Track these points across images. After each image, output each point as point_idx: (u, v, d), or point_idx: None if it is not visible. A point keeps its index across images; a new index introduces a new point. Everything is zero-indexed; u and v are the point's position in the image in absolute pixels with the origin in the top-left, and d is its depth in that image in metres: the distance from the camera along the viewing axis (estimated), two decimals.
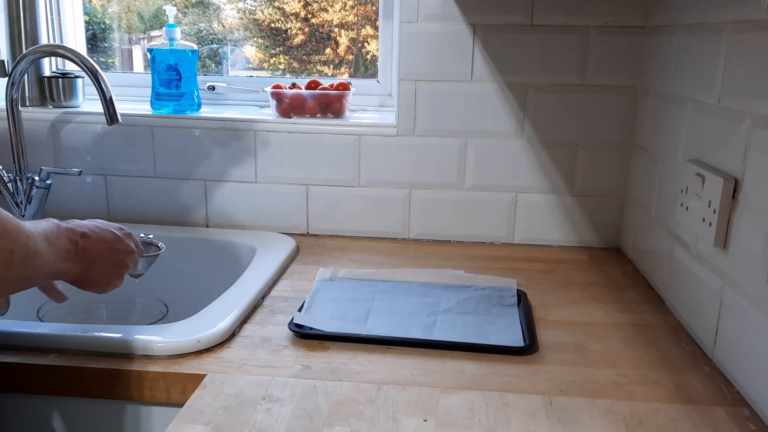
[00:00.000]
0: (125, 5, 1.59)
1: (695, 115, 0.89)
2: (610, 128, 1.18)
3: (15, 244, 0.57)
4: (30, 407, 0.78)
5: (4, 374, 0.76)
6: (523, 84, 1.18)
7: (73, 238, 0.68)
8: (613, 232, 1.23)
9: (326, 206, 1.27)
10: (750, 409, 0.69)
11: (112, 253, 0.74)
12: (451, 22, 1.16)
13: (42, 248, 0.61)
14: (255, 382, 0.72)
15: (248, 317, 0.89)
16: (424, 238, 1.27)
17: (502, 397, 0.70)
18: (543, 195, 1.22)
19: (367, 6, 1.50)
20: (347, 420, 0.65)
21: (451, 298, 0.95)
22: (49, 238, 0.63)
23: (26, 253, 0.58)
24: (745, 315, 0.71)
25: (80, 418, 0.79)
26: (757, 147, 0.71)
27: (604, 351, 0.82)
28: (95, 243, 0.71)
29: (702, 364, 0.79)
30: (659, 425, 0.66)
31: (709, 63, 0.84)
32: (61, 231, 0.66)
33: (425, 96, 1.20)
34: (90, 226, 0.72)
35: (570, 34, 1.15)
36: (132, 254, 0.77)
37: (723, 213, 0.76)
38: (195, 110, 1.31)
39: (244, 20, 1.57)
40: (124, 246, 0.76)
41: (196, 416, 0.65)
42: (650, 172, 1.07)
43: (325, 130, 1.23)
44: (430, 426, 0.64)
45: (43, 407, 0.78)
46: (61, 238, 0.66)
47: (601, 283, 1.06)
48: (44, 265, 0.62)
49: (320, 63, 1.56)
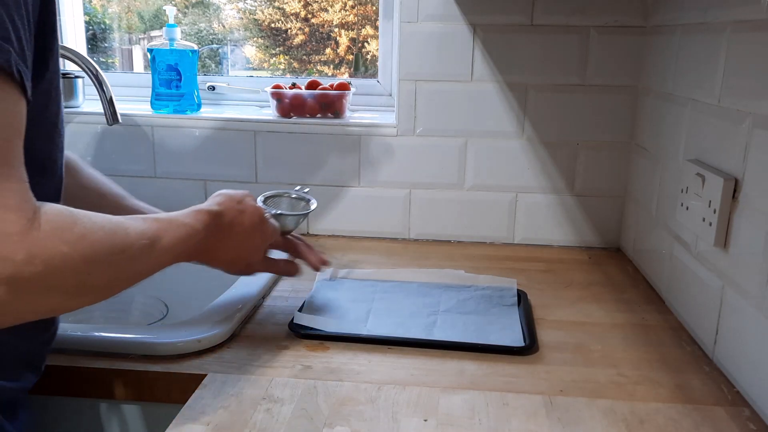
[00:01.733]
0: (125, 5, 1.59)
1: (695, 115, 0.89)
2: (610, 128, 1.18)
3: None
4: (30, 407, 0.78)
5: None
6: (523, 84, 1.18)
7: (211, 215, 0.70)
8: (614, 232, 1.23)
9: (326, 206, 1.27)
10: (750, 409, 0.69)
11: (249, 238, 0.74)
12: (451, 22, 1.16)
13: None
14: (255, 382, 0.72)
15: (248, 317, 0.89)
16: (424, 238, 1.27)
17: (502, 397, 0.70)
18: (543, 195, 1.22)
19: (367, 6, 1.50)
20: (347, 420, 0.65)
21: (451, 298, 0.95)
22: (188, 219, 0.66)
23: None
24: (745, 315, 0.71)
25: (80, 418, 0.79)
26: (757, 147, 0.71)
27: (604, 351, 0.82)
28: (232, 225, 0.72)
29: (702, 364, 0.79)
30: (659, 425, 0.66)
31: (709, 63, 0.84)
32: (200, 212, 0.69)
33: (425, 96, 1.20)
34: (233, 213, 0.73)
35: (570, 34, 1.15)
36: (263, 251, 0.78)
37: (723, 213, 0.76)
38: (195, 110, 1.31)
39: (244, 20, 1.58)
40: (260, 238, 0.76)
41: (197, 416, 0.65)
42: (650, 172, 1.07)
43: (325, 130, 1.23)
44: (430, 426, 0.64)
45: (43, 407, 0.78)
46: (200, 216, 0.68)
47: (602, 283, 1.06)
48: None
49: (320, 63, 1.56)
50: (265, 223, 0.77)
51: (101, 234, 0.52)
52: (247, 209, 0.74)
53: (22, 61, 0.48)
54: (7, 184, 0.46)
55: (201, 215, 0.68)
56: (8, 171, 0.46)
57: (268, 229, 0.77)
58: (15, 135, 0.47)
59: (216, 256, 0.72)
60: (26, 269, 0.45)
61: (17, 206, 0.46)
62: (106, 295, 0.56)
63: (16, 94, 0.47)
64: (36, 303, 0.49)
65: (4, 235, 0.44)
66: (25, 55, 0.48)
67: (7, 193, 0.45)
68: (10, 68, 0.46)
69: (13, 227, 0.45)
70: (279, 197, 0.92)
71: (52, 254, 0.47)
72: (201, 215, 0.68)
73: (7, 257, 0.44)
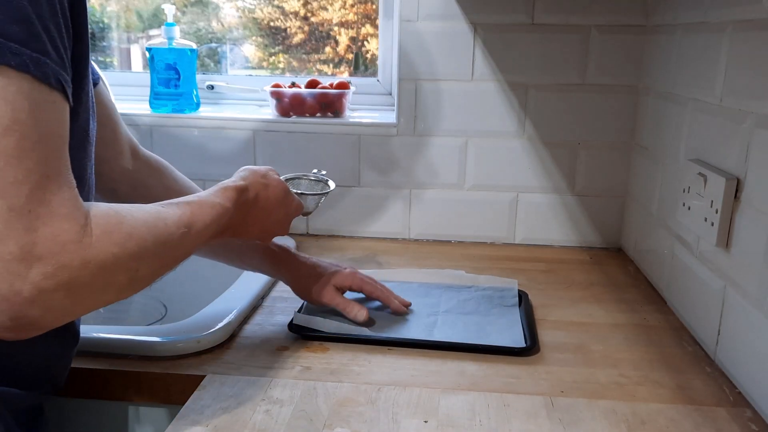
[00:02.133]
0: (124, 4, 1.58)
1: (696, 114, 0.88)
2: (610, 128, 1.18)
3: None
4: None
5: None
6: (523, 83, 1.17)
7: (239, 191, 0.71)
8: (615, 232, 1.23)
9: (326, 206, 1.26)
10: (752, 410, 0.69)
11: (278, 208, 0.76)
12: (451, 21, 1.16)
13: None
14: (254, 383, 0.71)
15: (248, 318, 0.89)
16: (424, 238, 1.26)
17: (503, 398, 0.70)
18: (544, 195, 1.22)
19: (367, 4, 1.49)
20: (347, 421, 0.65)
21: (451, 298, 0.95)
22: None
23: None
24: (747, 315, 0.71)
25: (80, 418, 0.78)
26: (758, 146, 0.70)
27: (605, 351, 0.82)
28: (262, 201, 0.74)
29: (704, 365, 0.79)
30: (661, 426, 0.65)
31: (710, 62, 0.84)
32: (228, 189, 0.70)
33: (425, 95, 1.20)
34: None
35: (571, 33, 1.14)
36: (287, 224, 0.79)
37: (725, 213, 0.76)
38: (194, 110, 1.30)
39: (243, 19, 1.57)
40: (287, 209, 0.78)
41: (196, 417, 0.65)
42: (651, 171, 1.07)
43: (324, 129, 1.23)
44: (430, 427, 0.64)
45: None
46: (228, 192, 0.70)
47: (603, 283, 1.05)
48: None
49: (320, 62, 1.56)
50: (290, 195, 0.78)
51: (144, 230, 0.54)
52: (271, 183, 0.75)
53: (62, 69, 0.49)
54: (59, 193, 0.47)
55: (228, 192, 0.69)
56: (60, 179, 0.48)
57: (293, 202, 0.79)
58: (63, 143, 0.49)
59: (245, 230, 0.73)
60: (82, 274, 0.48)
61: (70, 214, 0.47)
62: (151, 282, 0.58)
63: (60, 102, 0.49)
64: (91, 302, 0.51)
65: (61, 244, 0.46)
66: (65, 63, 0.49)
67: (61, 202, 0.47)
68: (47, 80, 0.47)
69: (68, 236, 0.47)
70: (298, 179, 0.93)
71: (104, 257, 0.49)
72: (228, 192, 0.69)
73: (64, 265, 0.47)
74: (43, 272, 0.46)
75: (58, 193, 0.47)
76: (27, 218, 0.45)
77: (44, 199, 0.46)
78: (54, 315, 0.48)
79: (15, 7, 0.45)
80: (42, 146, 0.47)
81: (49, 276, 0.46)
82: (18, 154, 0.45)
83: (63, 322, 0.50)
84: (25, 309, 0.46)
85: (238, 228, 0.72)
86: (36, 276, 0.45)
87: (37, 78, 0.46)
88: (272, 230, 0.76)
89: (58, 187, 0.47)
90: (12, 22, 0.45)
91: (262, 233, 0.76)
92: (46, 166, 0.47)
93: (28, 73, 0.46)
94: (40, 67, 0.46)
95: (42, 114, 0.47)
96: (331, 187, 0.91)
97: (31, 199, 0.46)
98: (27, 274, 0.45)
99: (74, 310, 0.50)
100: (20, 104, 0.45)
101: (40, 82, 0.47)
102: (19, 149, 0.45)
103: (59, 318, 0.49)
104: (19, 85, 0.45)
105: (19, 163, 0.45)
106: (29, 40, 0.46)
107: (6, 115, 0.45)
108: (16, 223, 0.45)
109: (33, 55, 0.46)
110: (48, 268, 0.46)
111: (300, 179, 0.93)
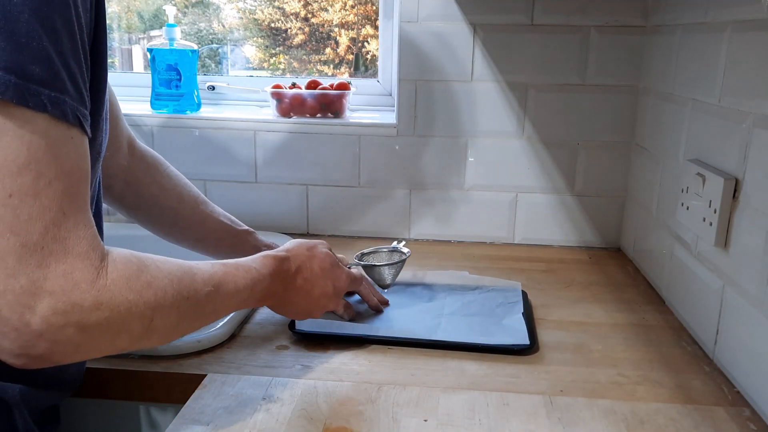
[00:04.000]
0: (125, 5, 1.59)
1: (696, 114, 0.89)
2: (610, 128, 1.18)
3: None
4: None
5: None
6: (523, 84, 1.18)
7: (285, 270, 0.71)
8: (614, 232, 1.23)
9: (326, 206, 1.27)
10: (751, 409, 0.69)
11: (323, 282, 0.75)
12: (451, 22, 1.16)
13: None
14: (255, 383, 0.72)
15: (248, 317, 0.89)
16: (424, 238, 1.27)
17: (502, 397, 0.70)
18: (543, 195, 1.22)
19: (367, 5, 1.50)
20: (347, 420, 0.65)
21: (455, 301, 0.94)
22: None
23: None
24: (745, 315, 0.71)
25: (80, 418, 0.78)
26: (757, 147, 0.71)
27: (604, 351, 0.82)
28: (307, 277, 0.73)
29: (703, 364, 0.79)
30: (660, 425, 0.66)
31: (709, 63, 0.84)
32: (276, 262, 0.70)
33: (425, 96, 1.20)
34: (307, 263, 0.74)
35: (570, 33, 1.15)
36: (335, 297, 0.77)
37: (724, 213, 0.76)
38: (195, 110, 1.31)
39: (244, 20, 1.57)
40: (333, 289, 0.76)
41: (197, 416, 0.65)
42: (651, 171, 1.07)
43: (325, 130, 1.23)
44: (430, 426, 0.64)
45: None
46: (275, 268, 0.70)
47: (602, 283, 1.06)
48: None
49: (320, 63, 1.56)
50: (338, 268, 0.76)
51: (167, 281, 0.54)
52: (317, 255, 0.74)
53: (80, 104, 0.49)
54: (75, 231, 0.48)
55: (268, 260, 0.69)
56: (77, 217, 0.48)
57: (342, 275, 0.77)
58: (82, 177, 0.49)
59: (288, 301, 0.72)
60: (93, 315, 0.48)
61: (85, 254, 0.48)
62: (173, 336, 0.58)
63: (78, 136, 0.49)
64: (103, 344, 0.51)
65: (73, 282, 0.47)
66: (83, 97, 0.50)
67: (77, 240, 0.48)
68: (66, 118, 0.47)
69: (81, 275, 0.48)
70: (375, 253, 0.94)
71: (118, 301, 0.50)
72: (268, 260, 0.69)
73: (75, 303, 0.47)
74: (53, 307, 0.46)
75: (74, 230, 0.48)
76: (40, 254, 0.46)
77: (59, 237, 0.47)
78: (64, 350, 0.48)
79: (36, 47, 0.45)
80: (59, 183, 0.47)
81: (59, 312, 0.46)
82: (34, 192, 0.46)
83: (75, 360, 0.50)
84: (34, 340, 0.46)
85: (280, 299, 0.71)
86: (45, 310, 0.46)
87: (55, 116, 0.47)
88: (319, 303, 0.75)
89: (74, 224, 0.48)
90: (32, 62, 0.45)
91: (308, 306, 0.74)
92: (63, 204, 0.47)
93: (45, 112, 0.46)
94: (59, 105, 0.47)
95: (60, 151, 0.47)
96: (405, 255, 0.90)
97: (45, 236, 0.46)
98: (36, 307, 0.46)
99: (86, 349, 0.50)
100: (37, 143, 0.46)
101: (58, 119, 0.47)
102: (35, 187, 0.46)
103: (70, 354, 0.49)
104: (36, 125, 0.46)
105: (34, 200, 0.46)
106: (48, 80, 0.46)
107: (22, 154, 0.45)
108: (28, 258, 0.45)
109: (51, 94, 0.46)
110: (58, 304, 0.46)
111: (377, 253, 0.94)
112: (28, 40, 0.45)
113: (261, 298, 0.68)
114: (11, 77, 0.44)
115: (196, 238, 0.89)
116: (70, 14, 0.47)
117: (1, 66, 0.44)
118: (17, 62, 0.44)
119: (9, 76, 0.44)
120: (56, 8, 0.46)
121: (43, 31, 0.45)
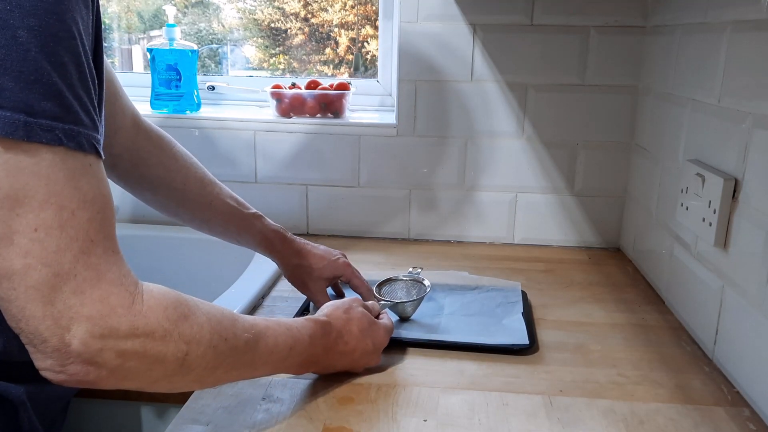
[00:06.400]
0: (125, 5, 1.59)
1: (695, 115, 0.89)
2: (610, 128, 1.18)
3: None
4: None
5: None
6: (523, 84, 1.18)
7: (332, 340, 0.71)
8: (614, 232, 1.23)
9: (326, 206, 1.27)
10: (750, 409, 0.69)
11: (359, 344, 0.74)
12: (451, 22, 1.16)
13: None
14: (255, 383, 0.72)
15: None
16: (424, 238, 1.27)
17: (502, 397, 0.70)
18: (543, 195, 1.22)
19: (367, 6, 1.50)
20: (347, 420, 0.65)
21: (455, 301, 0.94)
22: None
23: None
24: (745, 315, 0.71)
25: (80, 418, 0.79)
26: (757, 147, 0.71)
27: (604, 351, 0.82)
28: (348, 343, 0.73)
29: (702, 364, 0.79)
30: (659, 425, 0.66)
31: (709, 63, 0.84)
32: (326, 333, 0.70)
33: (425, 96, 1.20)
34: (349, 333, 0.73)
35: (570, 34, 1.15)
36: (375, 354, 0.77)
37: (723, 213, 0.76)
38: (195, 110, 1.31)
39: (244, 20, 1.58)
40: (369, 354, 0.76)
41: (196, 416, 0.65)
42: (650, 172, 1.07)
43: (325, 130, 1.23)
44: (430, 426, 0.64)
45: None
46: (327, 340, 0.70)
47: (602, 283, 1.06)
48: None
49: (320, 63, 1.56)
50: (375, 325, 0.76)
51: (204, 318, 0.55)
52: (354, 317, 0.74)
53: (94, 131, 0.49)
54: (105, 257, 0.48)
55: (308, 323, 0.69)
56: (105, 244, 0.48)
57: (380, 331, 0.77)
58: (105, 203, 0.49)
59: (330, 365, 0.72)
60: (129, 340, 0.49)
61: (118, 280, 0.49)
62: (209, 380, 0.57)
63: (95, 162, 0.49)
64: (139, 371, 0.51)
65: (111, 307, 0.48)
66: (95, 122, 0.50)
67: (108, 267, 0.48)
68: (82, 148, 0.47)
69: (118, 300, 0.48)
70: (393, 282, 0.93)
71: (153, 328, 0.50)
72: (308, 323, 0.69)
73: (113, 327, 0.48)
74: (90, 331, 0.47)
75: (104, 257, 0.48)
76: (74, 282, 0.46)
77: (90, 264, 0.47)
78: (100, 374, 0.49)
79: (45, 83, 0.45)
80: (83, 212, 0.47)
81: (96, 336, 0.47)
82: (59, 225, 0.46)
83: (114, 386, 0.50)
84: (73, 361, 0.47)
85: (323, 363, 0.71)
86: (83, 333, 0.46)
87: (70, 148, 0.47)
88: (361, 362, 0.75)
89: (103, 251, 0.48)
90: (43, 99, 0.45)
91: (352, 366, 0.74)
92: (90, 232, 0.47)
93: (61, 145, 0.46)
94: (74, 138, 0.47)
95: (79, 180, 0.47)
96: (427, 288, 0.90)
97: (77, 265, 0.46)
98: (75, 331, 0.46)
99: (122, 374, 0.50)
100: (54, 176, 0.46)
101: (74, 150, 0.47)
102: (59, 219, 0.46)
103: (105, 378, 0.49)
104: (52, 159, 0.46)
105: (60, 232, 0.46)
106: (61, 114, 0.46)
107: (41, 190, 0.45)
108: (63, 287, 0.46)
109: (66, 127, 0.46)
110: (96, 328, 0.47)
111: (395, 281, 0.93)
112: (38, 77, 0.45)
113: (302, 363, 0.68)
114: (20, 116, 0.44)
115: (202, 220, 0.88)
116: (76, 44, 0.47)
117: (9, 106, 0.44)
118: (26, 101, 0.44)
119: (18, 116, 0.44)
120: (62, 42, 0.46)
121: (52, 67, 0.45)
